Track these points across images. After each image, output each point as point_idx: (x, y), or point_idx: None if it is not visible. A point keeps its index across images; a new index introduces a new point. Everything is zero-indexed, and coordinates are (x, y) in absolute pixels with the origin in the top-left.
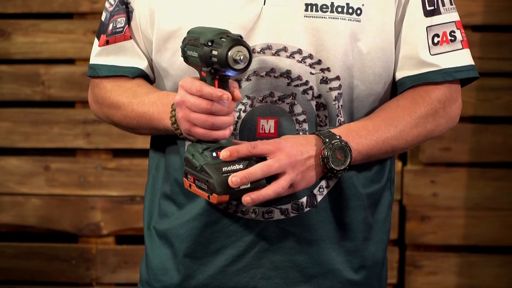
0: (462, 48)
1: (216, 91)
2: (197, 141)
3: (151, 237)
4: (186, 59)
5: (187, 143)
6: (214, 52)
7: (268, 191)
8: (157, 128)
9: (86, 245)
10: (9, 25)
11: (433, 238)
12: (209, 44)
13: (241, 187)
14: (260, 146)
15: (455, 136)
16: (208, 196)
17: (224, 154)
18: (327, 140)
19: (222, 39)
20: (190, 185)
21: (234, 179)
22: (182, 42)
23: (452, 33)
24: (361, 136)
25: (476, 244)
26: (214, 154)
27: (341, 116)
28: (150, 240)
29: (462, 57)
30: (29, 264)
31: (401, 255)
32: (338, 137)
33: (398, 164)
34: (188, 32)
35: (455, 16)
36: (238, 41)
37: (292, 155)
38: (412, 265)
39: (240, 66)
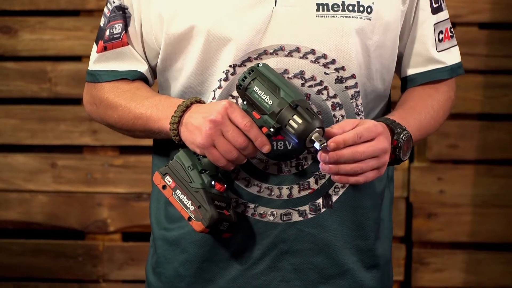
0: (456, 44)
1: (263, 138)
2: (195, 153)
3: (160, 245)
4: (246, 90)
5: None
6: (298, 120)
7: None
8: (151, 129)
9: (92, 242)
10: (16, 22)
11: (440, 235)
12: (294, 107)
13: (220, 227)
14: (365, 135)
15: (462, 133)
16: (189, 218)
17: (332, 145)
18: (398, 130)
19: (310, 111)
20: (164, 186)
21: (332, 145)
22: (250, 72)
23: (451, 29)
24: (409, 124)
25: (483, 241)
26: (213, 182)
27: (363, 115)
28: (159, 247)
29: (458, 53)
30: (35, 261)
31: (408, 252)
32: (404, 127)
33: (405, 161)
34: (258, 65)
35: (447, 12)
36: (322, 123)
37: (388, 142)
38: (419, 262)
39: (310, 147)
